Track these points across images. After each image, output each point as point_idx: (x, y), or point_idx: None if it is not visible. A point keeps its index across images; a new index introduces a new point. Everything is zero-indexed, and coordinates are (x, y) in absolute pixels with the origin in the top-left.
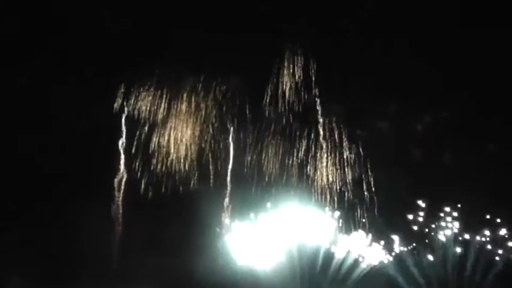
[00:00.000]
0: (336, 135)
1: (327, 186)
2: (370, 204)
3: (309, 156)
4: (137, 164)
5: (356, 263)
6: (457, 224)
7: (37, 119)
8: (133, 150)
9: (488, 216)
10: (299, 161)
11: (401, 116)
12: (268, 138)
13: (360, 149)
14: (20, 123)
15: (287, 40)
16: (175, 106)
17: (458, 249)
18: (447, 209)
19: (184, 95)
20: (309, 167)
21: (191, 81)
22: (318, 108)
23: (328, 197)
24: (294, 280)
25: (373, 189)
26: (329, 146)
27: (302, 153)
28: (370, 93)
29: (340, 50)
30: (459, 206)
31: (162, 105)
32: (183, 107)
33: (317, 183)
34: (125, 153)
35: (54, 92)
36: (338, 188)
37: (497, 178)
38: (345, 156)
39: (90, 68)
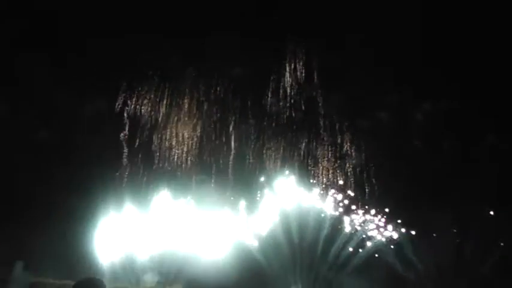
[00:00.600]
0: (337, 127)
1: (328, 175)
2: (371, 193)
3: (310, 148)
4: (139, 157)
5: (355, 249)
6: (455, 213)
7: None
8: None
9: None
10: (300, 151)
11: (403, 106)
12: (270, 130)
13: (361, 141)
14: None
15: (289, 33)
16: (176, 99)
17: (456, 237)
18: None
19: (186, 88)
20: (310, 158)
21: (193, 73)
22: (319, 99)
23: (329, 187)
24: (294, 263)
25: (374, 179)
26: (330, 137)
27: (303, 144)
28: (372, 83)
29: (342, 42)
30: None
31: (164, 98)
32: (185, 99)
33: (318, 174)
34: (127, 146)
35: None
36: (339, 176)
37: (498, 168)
38: (345, 147)
39: (93, 62)
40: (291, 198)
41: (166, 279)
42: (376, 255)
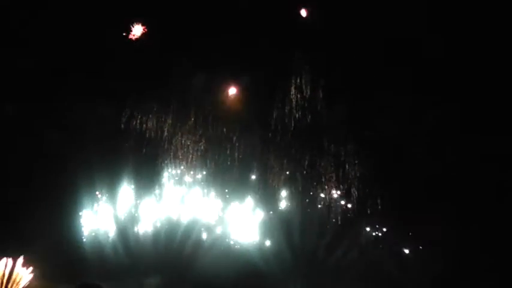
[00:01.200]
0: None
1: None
2: (373, 204)
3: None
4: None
5: (357, 257)
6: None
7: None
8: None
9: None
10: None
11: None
12: (274, 146)
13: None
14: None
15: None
16: (182, 112)
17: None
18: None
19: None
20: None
21: (199, 85)
22: (323, 111)
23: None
24: (293, 269)
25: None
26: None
27: (307, 161)
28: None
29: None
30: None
31: (170, 110)
32: (191, 112)
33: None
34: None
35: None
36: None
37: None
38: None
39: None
40: (293, 205)
41: (170, 281)
42: (376, 264)
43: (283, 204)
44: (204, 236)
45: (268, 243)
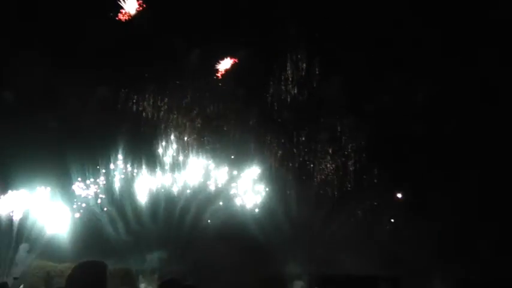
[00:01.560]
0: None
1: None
2: (369, 175)
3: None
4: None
5: (353, 232)
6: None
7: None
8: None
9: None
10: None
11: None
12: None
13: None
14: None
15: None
16: (178, 90)
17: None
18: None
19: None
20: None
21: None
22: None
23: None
24: (292, 242)
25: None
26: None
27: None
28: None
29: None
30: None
31: (166, 94)
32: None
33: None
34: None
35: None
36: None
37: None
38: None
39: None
40: (290, 178)
41: (171, 258)
42: (372, 234)
43: (281, 177)
44: (204, 210)
45: (267, 215)
